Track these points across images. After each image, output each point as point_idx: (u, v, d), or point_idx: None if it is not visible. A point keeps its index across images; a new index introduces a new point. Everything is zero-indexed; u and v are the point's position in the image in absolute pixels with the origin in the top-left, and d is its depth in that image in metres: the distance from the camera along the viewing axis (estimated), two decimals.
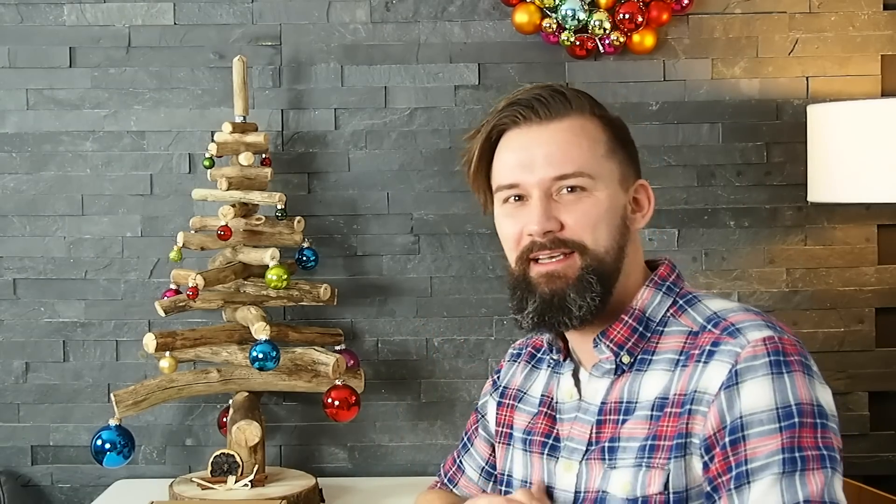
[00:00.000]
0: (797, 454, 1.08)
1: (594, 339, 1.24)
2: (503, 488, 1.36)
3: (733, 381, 1.12)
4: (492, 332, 2.37)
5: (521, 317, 1.23)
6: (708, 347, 1.16)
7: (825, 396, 1.13)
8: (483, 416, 1.46)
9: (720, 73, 2.35)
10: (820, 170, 2.16)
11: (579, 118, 1.23)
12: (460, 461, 1.50)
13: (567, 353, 1.31)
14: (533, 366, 1.38)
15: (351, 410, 2.15)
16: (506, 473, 1.36)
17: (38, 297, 2.37)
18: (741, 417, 1.11)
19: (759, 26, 2.34)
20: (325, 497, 2.18)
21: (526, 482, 1.31)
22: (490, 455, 1.45)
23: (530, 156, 1.22)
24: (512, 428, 1.36)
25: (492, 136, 1.26)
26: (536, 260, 1.22)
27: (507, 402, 1.39)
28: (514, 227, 1.24)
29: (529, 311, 1.22)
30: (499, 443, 1.39)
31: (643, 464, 1.16)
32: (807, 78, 2.34)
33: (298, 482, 2.17)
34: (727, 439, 1.11)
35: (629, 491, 1.17)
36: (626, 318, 1.23)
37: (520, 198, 1.23)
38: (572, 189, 1.21)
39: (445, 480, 1.52)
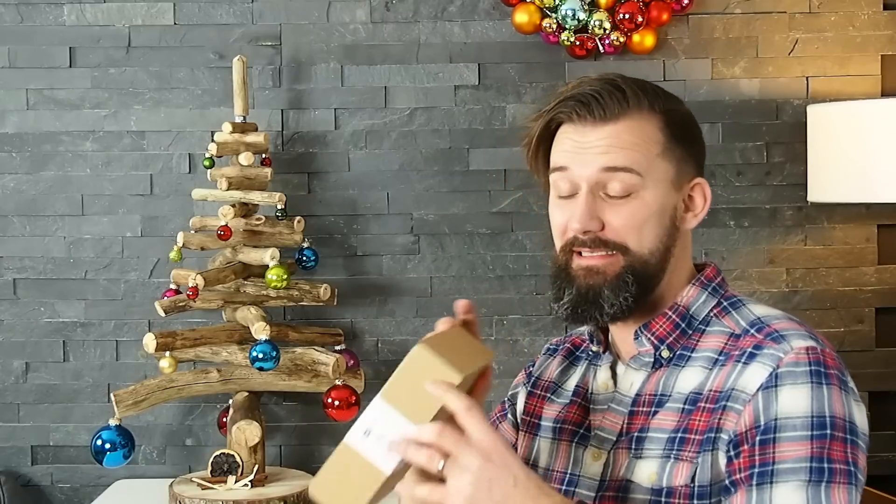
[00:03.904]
0: (826, 465, 1.09)
1: (636, 332, 1.26)
2: None
3: (772, 384, 1.13)
4: (492, 332, 2.37)
5: (557, 306, 1.25)
6: (749, 350, 1.18)
7: (859, 415, 1.15)
8: (512, 405, 1.47)
9: (720, 73, 2.35)
10: (820, 170, 2.16)
11: (636, 118, 1.22)
12: None
13: (606, 346, 1.32)
14: (571, 362, 1.40)
15: (351, 410, 2.15)
16: (529, 462, 1.36)
17: (38, 297, 2.38)
18: (775, 420, 1.12)
19: (759, 26, 2.34)
20: None
21: (549, 470, 1.32)
22: (514, 440, 1.46)
23: (582, 150, 1.22)
24: (540, 418, 1.37)
25: (551, 125, 1.27)
26: (580, 253, 1.23)
27: (539, 392, 1.40)
28: (562, 218, 1.25)
29: (565, 302, 1.24)
30: (523, 431, 1.40)
31: (672, 455, 1.17)
32: (807, 78, 2.34)
33: (298, 482, 2.17)
34: (757, 438, 1.12)
35: (655, 481, 1.17)
36: (670, 314, 1.25)
37: (572, 195, 1.24)
38: (620, 189, 1.21)
39: None
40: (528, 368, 1.47)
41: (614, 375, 1.30)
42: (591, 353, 1.35)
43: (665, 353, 1.24)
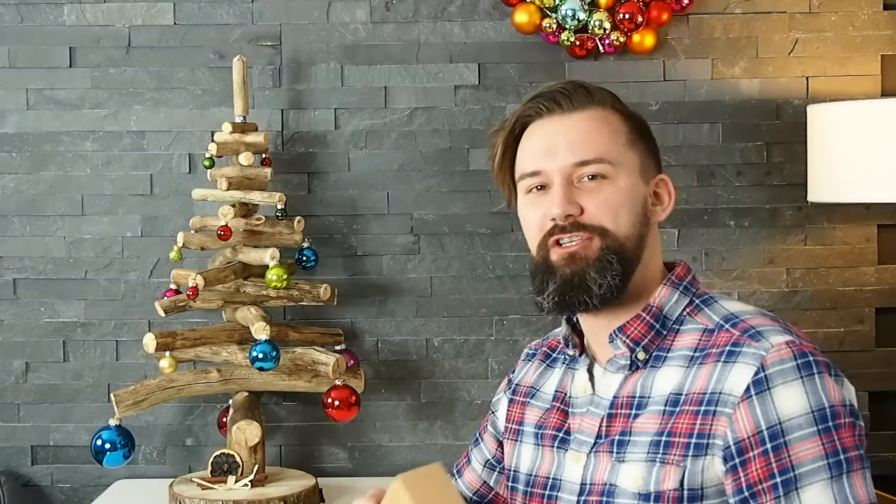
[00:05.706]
0: (841, 457, 1.11)
1: (610, 335, 1.26)
2: (510, 483, 1.37)
3: (764, 386, 1.13)
4: (492, 332, 2.37)
5: (541, 298, 1.25)
6: (728, 348, 1.18)
7: (851, 395, 1.16)
8: (493, 413, 1.48)
9: (720, 73, 2.35)
10: (820, 170, 2.16)
11: (601, 110, 1.27)
12: (469, 454, 1.53)
13: (582, 349, 1.32)
14: (548, 365, 1.40)
15: (351, 410, 2.15)
16: (512, 469, 1.37)
17: (38, 297, 2.38)
18: (780, 423, 1.12)
19: (759, 26, 2.34)
20: (325, 497, 2.18)
21: (532, 475, 1.32)
22: (496, 449, 1.47)
23: (553, 143, 1.25)
24: (521, 424, 1.38)
25: (515, 128, 1.30)
26: (559, 243, 1.24)
27: (519, 398, 1.41)
28: (537, 214, 1.26)
29: (550, 292, 1.24)
30: (507, 439, 1.41)
31: (657, 459, 1.17)
32: (807, 78, 2.34)
33: (298, 482, 2.17)
34: (768, 445, 1.12)
35: (641, 486, 1.17)
36: (644, 315, 1.25)
37: (542, 187, 1.26)
38: (593, 177, 1.24)
39: (454, 471, 1.54)
40: (509, 375, 1.48)
41: (592, 378, 1.30)
42: (567, 356, 1.35)
43: (641, 356, 1.24)
